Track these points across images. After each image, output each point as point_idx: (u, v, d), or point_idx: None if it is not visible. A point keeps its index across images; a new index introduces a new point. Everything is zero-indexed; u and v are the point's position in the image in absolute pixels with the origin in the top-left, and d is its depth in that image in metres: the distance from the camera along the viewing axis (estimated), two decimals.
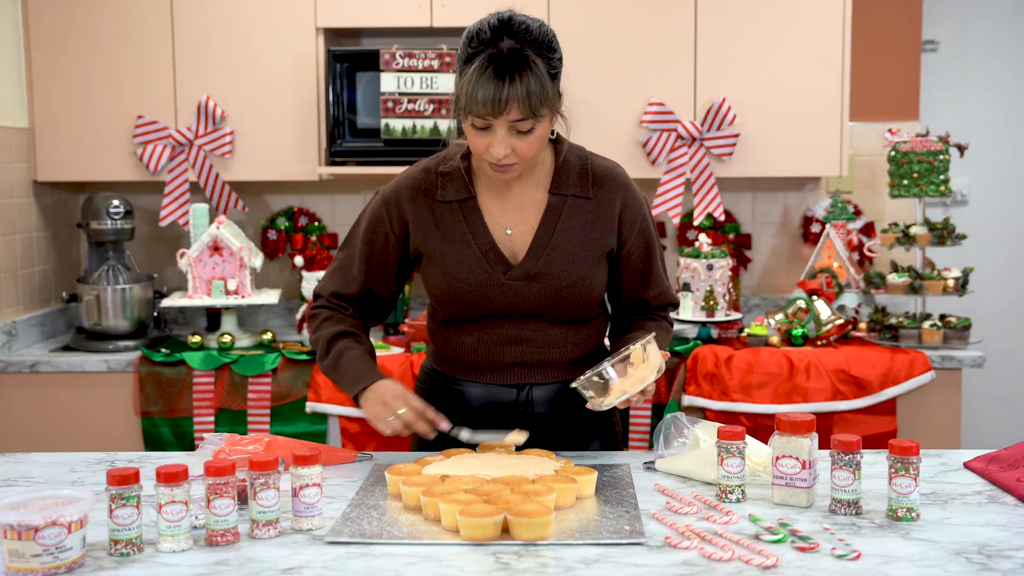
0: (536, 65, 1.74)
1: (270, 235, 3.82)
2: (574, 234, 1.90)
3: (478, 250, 1.89)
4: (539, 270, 1.89)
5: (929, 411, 3.18)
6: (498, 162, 1.79)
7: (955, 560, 1.39)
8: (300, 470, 1.53)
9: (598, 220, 1.92)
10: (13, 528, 1.35)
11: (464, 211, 1.91)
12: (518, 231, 1.91)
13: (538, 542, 1.45)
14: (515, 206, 1.92)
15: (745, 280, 3.86)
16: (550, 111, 1.80)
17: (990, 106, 4.08)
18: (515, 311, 1.90)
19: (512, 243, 1.91)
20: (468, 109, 1.75)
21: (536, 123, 1.77)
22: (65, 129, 3.48)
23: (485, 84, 1.72)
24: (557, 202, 1.91)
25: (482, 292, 1.89)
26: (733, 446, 1.65)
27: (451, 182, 1.93)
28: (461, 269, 1.89)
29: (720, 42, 3.40)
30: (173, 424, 3.22)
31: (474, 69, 1.73)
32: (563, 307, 1.90)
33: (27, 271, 3.49)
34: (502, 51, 1.73)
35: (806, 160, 3.44)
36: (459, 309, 1.92)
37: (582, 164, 1.95)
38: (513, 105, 1.73)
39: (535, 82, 1.73)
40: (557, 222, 1.90)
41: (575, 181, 1.93)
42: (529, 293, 1.89)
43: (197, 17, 3.43)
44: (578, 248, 1.90)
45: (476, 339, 1.94)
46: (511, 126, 1.76)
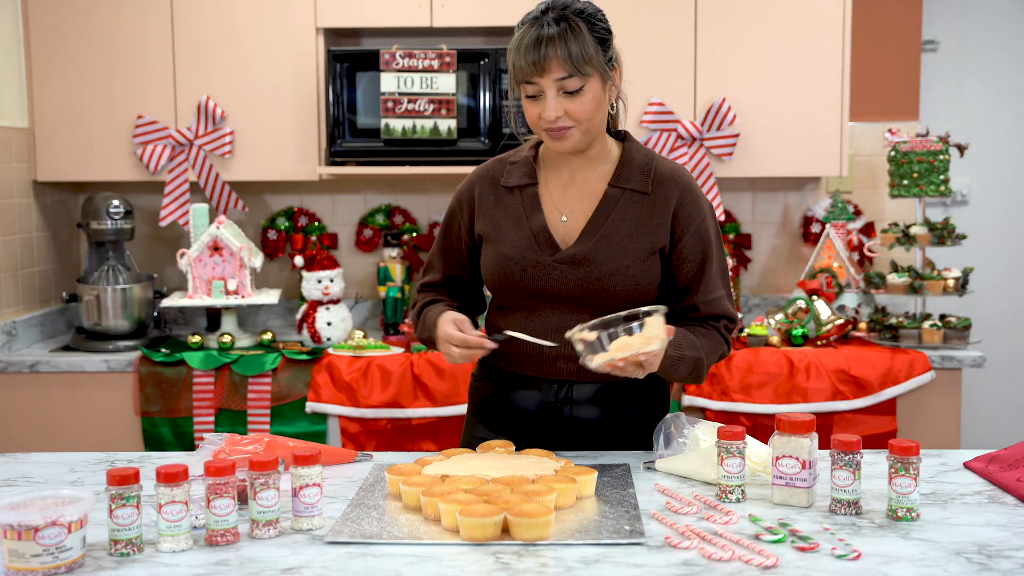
0: (577, 25, 1.82)
1: (270, 235, 3.82)
2: (626, 226, 1.91)
3: (530, 231, 1.93)
4: (584, 255, 1.90)
5: (929, 411, 3.18)
6: (552, 125, 1.84)
7: (955, 560, 1.39)
8: (300, 470, 1.53)
9: (652, 215, 1.92)
10: (13, 528, 1.35)
11: (524, 196, 1.97)
12: (573, 218, 1.94)
13: (538, 542, 1.45)
14: (576, 195, 1.96)
15: (745, 280, 3.86)
16: (599, 73, 1.84)
17: (990, 106, 4.08)
18: (558, 296, 1.91)
19: (566, 229, 1.94)
20: (517, 77, 1.84)
21: (584, 83, 1.82)
22: (65, 129, 3.48)
23: (528, 47, 1.81)
24: (615, 194, 1.94)
25: (527, 273, 1.92)
26: (733, 446, 1.65)
27: (517, 169, 2.00)
28: (511, 248, 1.93)
29: (720, 42, 3.40)
30: (173, 424, 3.22)
31: (518, 38, 1.84)
32: (603, 295, 1.90)
33: (27, 271, 3.49)
34: (544, 20, 1.83)
35: (806, 160, 3.44)
36: (507, 290, 1.96)
37: (647, 161, 1.97)
38: (553, 61, 1.79)
39: (575, 39, 1.81)
40: (611, 212, 1.92)
41: (636, 176, 1.94)
42: (572, 277, 1.90)
43: (197, 17, 3.43)
44: (627, 240, 1.91)
45: (521, 326, 1.95)
46: (559, 86, 1.81)
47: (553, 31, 1.80)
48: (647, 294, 1.93)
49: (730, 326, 1.98)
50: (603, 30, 1.88)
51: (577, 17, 1.83)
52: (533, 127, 1.90)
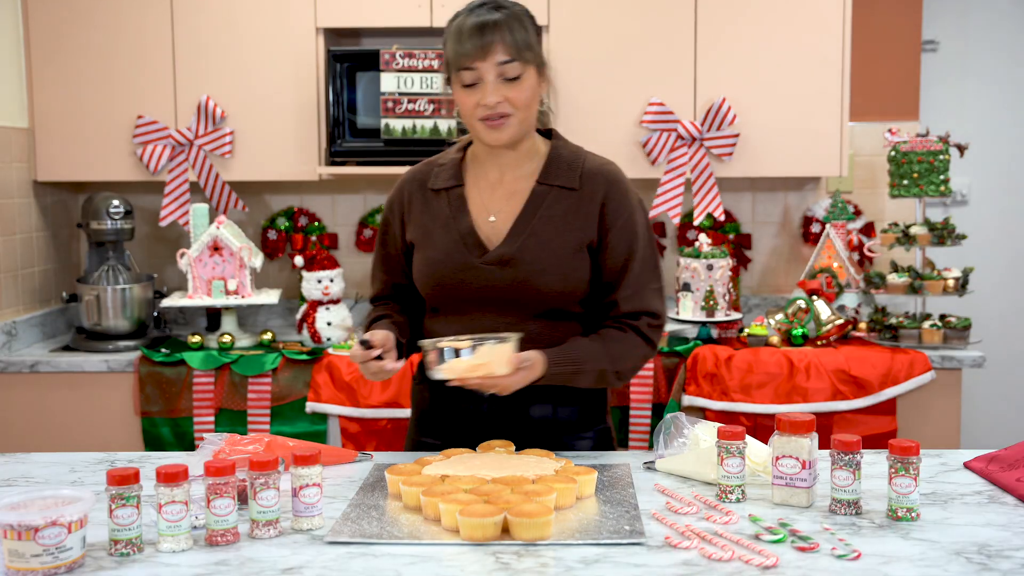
0: (518, 14, 1.85)
1: (270, 235, 3.82)
2: (553, 223, 1.91)
3: (457, 234, 1.93)
4: (512, 255, 1.89)
5: (929, 411, 3.18)
6: (491, 112, 1.83)
7: (955, 560, 1.39)
8: (300, 470, 1.53)
9: (579, 211, 1.92)
10: (13, 528, 1.35)
11: (450, 198, 1.96)
12: (501, 218, 1.94)
13: (538, 542, 1.45)
14: (503, 194, 1.95)
15: (745, 280, 3.86)
16: (535, 64, 1.86)
17: (990, 106, 4.08)
18: (489, 297, 1.91)
19: (493, 229, 1.93)
20: (456, 64, 1.84)
21: (524, 71, 1.83)
22: (65, 129, 3.48)
23: (470, 31, 1.82)
24: (542, 191, 1.93)
25: (457, 276, 1.91)
26: (733, 446, 1.65)
27: (445, 171, 1.99)
28: (440, 252, 1.93)
29: (720, 42, 3.40)
30: (173, 424, 3.22)
31: (456, 26, 1.85)
32: (534, 295, 1.89)
33: (27, 271, 3.49)
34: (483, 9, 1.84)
35: (806, 160, 3.44)
36: (438, 294, 1.95)
37: (575, 158, 1.97)
38: (497, 44, 1.81)
39: (518, 26, 1.83)
40: (538, 210, 1.92)
41: (563, 173, 1.94)
42: (501, 278, 1.89)
43: (197, 17, 3.43)
44: (555, 237, 1.90)
45: (456, 329, 1.94)
46: (499, 72, 1.82)
47: (496, 16, 1.82)
48: (576, 291, 1.92)
49: (653, 323, 1.94)
50: (536, 26, 1.90)
51: (514, 7, 1.87)
52: (468, 118, 1.88)
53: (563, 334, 1.92)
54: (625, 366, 1.93)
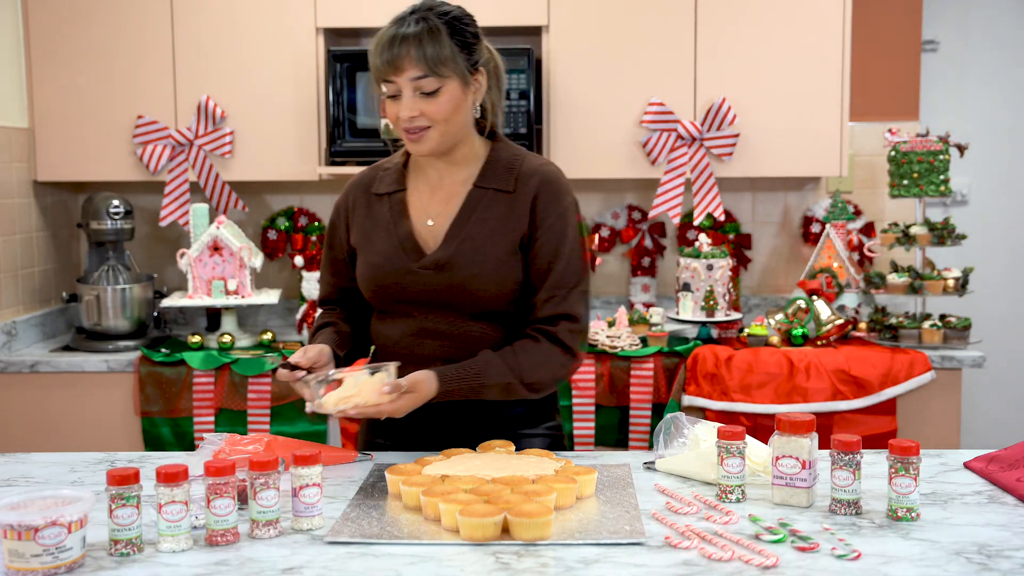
0: (436, 27, 1.81)
1: (270, 235, 3.82)
2: (488, 226, 1.91)
3: (396, 239, 1.94)
4: (448, 259, 1.90)
5: (929, 411, 3.18)
6: (408, 125, 1.84)
7: (955, 560, 1.39)
8: (300, 470, 1.53)
9: (512, 213, 1.91)
10: (13, 528, 1.35)
11: (391, 203, 1.97)
12: (438, 221, 1.94)
13: (538, 542, 1.45)
14: (442, 198, 1.95)
15: (745, 280, 3.86)
16: (458, 77, 1.84)
17: (990, 106, 4.08)
18: (427, 301, 1.92)
19: (431, 233, 1.94)
20: (375, 76, 1.85)
21: (441, 84, 1.82)
22: (65, 129, 3.48)
23: (384, 45, 1.82)
24: (478, 194, 1.93)
25: (395, 280, 1.92)
26: (733, 446, 1.65)
27: (388, 175, 2.01)
28: (380, 257, 1.94)
29: (720, 42, 3.40)
30: (173, 424, 3.22)
31: (379, 34, 1.84)
32: (470, 298, 1.90)
33: (27, 271, 3.49)
34: (406, 20, 1.83)
35: (806, 160, 3.44)
36: (380, 299, 1.97)
37: (512, 160, 1.95)
38: (407, 61, 1.80)
39: (431, 40, 1.80)
40: (473, 214, 1.92)
41: (500, 176, 1.94)
42: (437, 282, 1.90)
43: (197, 17, 3.43)
44: (489, 240, 1.90)
45: (398, 331, 1.96)
46: (415, 86, 1.81)
47: (410, 31, 1.80)
48: (511, 293, 1.91)
49: (573, 328, 1.91)
50: (468, 34, 1.86)
51: (439, 19, 1.82)
52: (394, 127, 1.89)
53: (502, 335, 1.93)
54: (537, 377, 1.89)
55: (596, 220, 3.85)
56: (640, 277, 3.82)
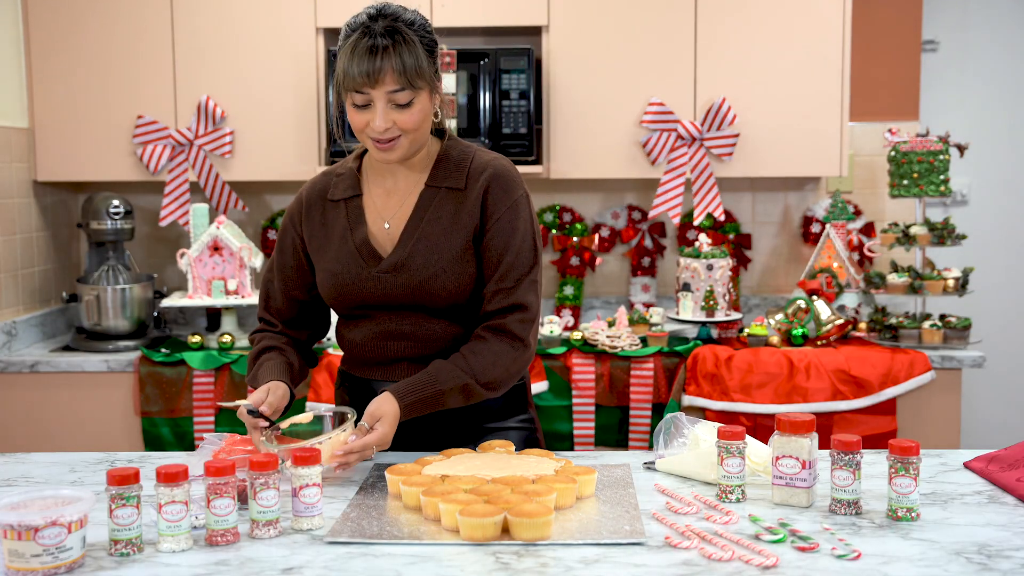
0: (410, 38, 1.80)
1: (270, 235, 3.82)
2: (441, 225, 1.91)
3: (353, 245, 1.93)
4: (403, 262, 1.90)
5: (929, 411, 3.18)
6: (380, 136, 1.83)
7: (955, 560, 1.39)
8: (300, 470, 1.53)
9: (464, 210, 1.91)
10: (13, 528, 1.35)
11: (348, 208, 1.96)
12: (394, 224, 1.94)
13: (538, 542, 1.45)
14: (396, 200, 1.95)
15: (745, 280, 3.86)
16: (428, 86, 1.83)
17: (990, 106, 4.08)
18: (388, 304, 1.92)
19: (388, 236, 1.94)
20: (345, 84, 1.81)
21: (415, 96, 1.81)
22: (65, 129, 3.48)
23: (360, 56, 1.78)
24: (430, 194, 1.93)
25: (355, 287, 1.92)
26: (733, 446, 1.65)
27: (343, 181, 1.98)
28: (338, 264, 1.93)
29: (720, 42, 3.40)
30: (173, 424, 3.22)
31: (348, 45, 1.80)
32: (429, 298, 1.90)
33: (27, 271, 3.49)
34: (375, 28, 1.79)
35: (806, 160, 3.44)
36: (342, 304, 1.96)
37: (462, 157, 1.95)
38: (388, 74, 1.78)
39: (409, 53, 1.79)
40: (426, 213, 1.92)
41: (451, 174, 1.93)
42: (395, 285, 1.90)
43: (197, 17, 3.43)
44: (442, 239, 1.90)
45: (363, 335, 1.96)
46: (389, 98, 1.80)
47: (387, 42, 1.77)
48: (466, 290, 1.92)
49: (525, 317, 1.91)
50: (431, 41, 1.86)
51: (408, 29, 1.81)
52: (358, 135, 1.87)
53: (465, 332, 1.94)
54: (493, 376, 1.88)
55: (596, 220, 3.85)
56: (640, 277, 3.82)
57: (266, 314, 2.06)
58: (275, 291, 2.04)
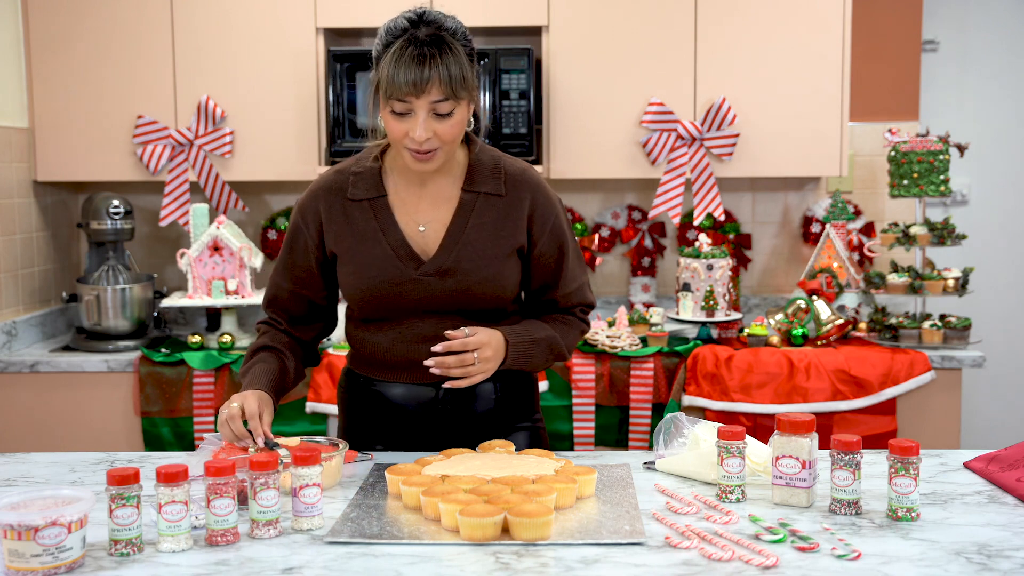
0: (455, 48, 1.79)
1: (270, 235, 3.82)
2: (485, 230, 1.92)
3: (389, 247, 1.91)
4: (450, 265, 1.90)
5: (929, 411, 3.18)
6: (419, 147, 1.81)
7: (955, 560, 1.39)
8: (300, 470, 1.53)
9: (508, 218, 1.93)
10: (13, 528, 1.35)
11: (375, 209, 1.93)
12: (431, 228, 1.93)
13: (538, 542, 1.45)
14: (429, 203, 1.94)
15: (745, 280, 3.86)
16: (469, 96, 1.83)
17: (990, 106, 4.08)
18: (428, 307, 1.92)
19: (424, 239, 1.93)
20: (389, 93, 1.78)
21: (456, 106, 1.80)
22: (65, 129, 3.48)
23: (407, 64, 1.76)
24: (470, 199, 1.93)
25: (395, 289, 1.90)
26: (733, 446, 1.65)
27: (363, 180, 1.95)
28: (372, 266, 1.91)
29: (720, 42, 3.40)
30: (173, 424, 3.22)
31: (393, 52, 1.78)
32: (475, 302, 1.91)
33: (27, 271, 3.49)
34: (420, 36, 1.78)
35: (806, 160, 3.44)
36: (373, 307, 1.94)
37: (495, 162, 1.96)
38: (434, 85, 1.76)
39: (455, 63, 1.78)
40: (469, 218, 1.92)
41: (488, 179, 1.94)
42: (441, 288, 1.90)
43: (197, 17, 3.43)
44: (488, 244, 1.91)
45: (391, 338, 1.95)
46: (431, 108, 1.79)
47: (434, 52, 1.76)
48: (512, 294, 1.96)
49: (587, 309, 2.06)
50: (471, 50, 1.86)
51: (452, 38, 1.80)
52: (395, 144, 1.85)
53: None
54: (568, 342, 2.01)
55: (596, 220, 3.85)
56: (640, 277, 3.82)
57: (271, 311, 2.04)
58: (282, 290, 2.01)
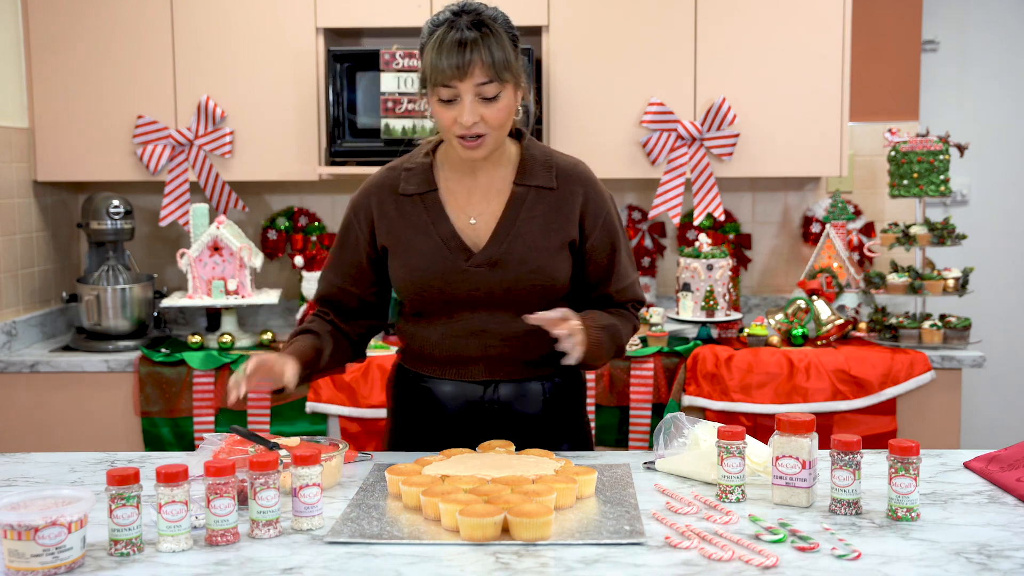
0: (496, 30, 1.82)
1: (270, 235, 3.82)
2: (536, 223, 1.92)
3: (439, 239, 1.92)
4: (501, 256, 1.90)
5: (929, 411, 3.18)
6: (467, 131, 1.82)
7: (955, 560, 1.39)
8: (300, 470, 1.53)
9: (560, 211, 1.93)
10: (13, 528, 1.35)
11: (426, 203, 1.94)
12: (482, 220, 1.93)
13: (538, 542, 1.45)
14: (480, 196, 1.95)
15: (745, 280, 3.86)
16: (514, 81, 1.84)
17: (990, 106, 4.08)
18: (478, 299, 1.91)
19: (475, 232, 1.93)
20: (434, 79, 1.81)
21: (502, 89, 1.81)
22: (65, 129, 3.48)
23: (449, 48, 1.79)
24: (521, 192, 1.93)
25: (445, 280, 1.91)
26: (733, 446, 1.65)
27: (414, 176, 1.97)
28: (422, 259, 1.92)
29: (720, 42, 3.40)
30: (173, 424, 3.22)
31: (436, 39, 1.81)
32: (524, 295, 1.91)
33: (27, 271, 3.49)
34: (461, 23, 1.81)
35: (806, 160, 3.44)
36: (423, 300, 1.94)
37: (546, 157, 1.97)
38: (477, 66, 1.78)
39: (497, 45, 1.80)
40: (520, 211, 1.92)
41: (539, 172, 1.95)
42: (491, 279, 1.90)
43: (197, 17, 3.43)
44: (540, 237, 1.91)
45: (441, 332, 1.95)
46: (477, 92, 1.80)
47: (475, 35, 1.79)
48: (562, 289, 1.95)
49: (638, 305, 2.06)
50: (515, 36, 1.88)
51: (493, 23, 1.83)
52: (444, 132, 1.87)
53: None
54: (626, 333, 2.01)
55: None
56: (640, 277, 3.82)
57: (320, 306, 2.06)
58: (332, 286, 2.03)
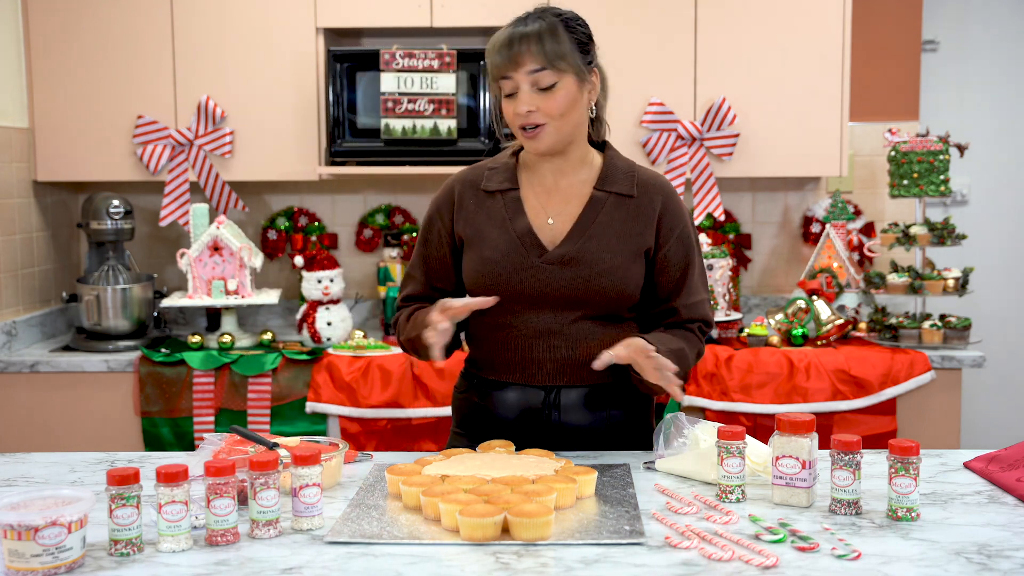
0: (553, 24, 1.85)
1: (270, 235, 3.82)
2: (613, 227, 1.93)
3: (515, 234, 1.93)
4: (573, 255, 1.90)
5: (929, 411, 3.18)
6: (525, 120, 1.85)
7: (955, 560, 1.39)
8: (300, 470, 1.53)
9: (638, 219, 1.94)
10: (13, 528, 1.35)
11: (505, 200, 1.97)
12: (559, 220, 1.95)
13: (538, 542, 1.45)
14: (560, 198, 1.97)
15: (745, 280, 3.86)
16: (574, 72, 1.86)
17: (990, 106, 4.08)
18: (546, 300, 1.91)
19: (552, 231, 1.94)
20: (493, 73, 1.87)
21: (558, 79, 1.84)
22: (65, 129, 3.48)
23: (502, 41, 1.85)
24: (601, 197, 1.95)
25: (515, 275, 1.91)
26: (733, 446, 1.65)
27: (497, 174, 2.00)
28: (496, 251, 1.93)
29: (720, 42, 3.40)
30: (173, 424, 3.22)
31: (495, 35, 1.88)
32: (594, 296, 1.90)
33: (27, 271, 3.49)
34: (521, 19, 1.87)
35: (806, 160, 3.44)
36: (492, 294, 1.92)
37: (629, 167, 2.00)
38: (527, 54, 1.82)
39: (550, 36, 1.83)
40: (597, 214, 1.94)
41: (621, 180, 1.97)
42: (561, 277, 1.90)
43: (197, 17, 3.43)
44: (614, 241, 1.92)
45: (507, 332, 1.94)
46: (532, 81, 1.84)
47: (529, 28, 1.84)
48: (632, 296, 1.94)
49: (705, 328, 2.01)
50: (582, 34, 1.90)
51: (555, 18, 1.87)
52: (511, 127, 1.91)
53: (615, 339, 1.89)
54: (693, 359, 1.98)
55: None
56: None
57: (404, 302, 2.07)
58: (416, 283, 2.05)
